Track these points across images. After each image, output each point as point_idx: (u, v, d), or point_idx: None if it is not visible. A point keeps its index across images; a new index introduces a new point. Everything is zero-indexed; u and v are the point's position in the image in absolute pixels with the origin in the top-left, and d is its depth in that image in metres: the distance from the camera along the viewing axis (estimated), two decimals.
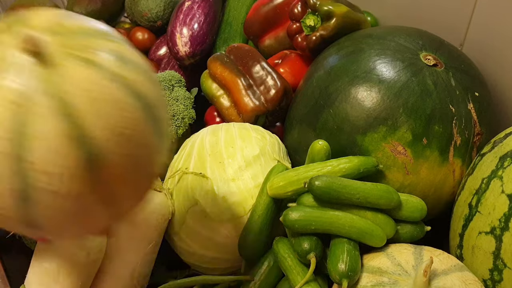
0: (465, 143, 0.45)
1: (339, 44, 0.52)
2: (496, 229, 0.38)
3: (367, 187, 0.41)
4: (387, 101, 0.44)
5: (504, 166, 0.40)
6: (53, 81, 0.23)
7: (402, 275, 0.37)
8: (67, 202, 0.24)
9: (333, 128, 0.46)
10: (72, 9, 0.85)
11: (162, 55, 0.78)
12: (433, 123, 0.44)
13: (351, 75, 0.47)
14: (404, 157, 0.44)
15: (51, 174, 0.23)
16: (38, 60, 0.23)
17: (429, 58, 0.47)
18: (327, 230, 0.40)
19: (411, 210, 0.43)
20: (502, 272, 0.38)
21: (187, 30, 0.70)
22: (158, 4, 0.78)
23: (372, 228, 0.40)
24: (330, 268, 0.39)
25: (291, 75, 0.58)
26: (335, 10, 0.53)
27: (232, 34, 0.73)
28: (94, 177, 0.24)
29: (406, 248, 0.40)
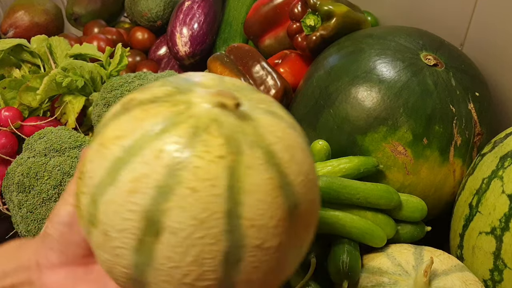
0: (466, 143, 0.45)
1: (339, 44, 0.52)
2: (497, 229, 0.38)
3: (367, 187, 0.41)
4: (387, 101, 0.44)
5: (505, 166, 0.40)
6: (256, 133, 0.23)
7: (402, 276, 0.37)
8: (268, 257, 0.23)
9: (333, 128, 0.46)
10: (72, 9, 0.85)
11: (162, 55, 0.78)
12: (434, 123, 0.44)
13: (351, 75, 0.46)
14: (405, 157, 0.44)
15: (260, 227, 0.22)
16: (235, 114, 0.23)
17: (429, 58, 0.47)
18: (327, 230, 0.40)
19: (412, 210, 0.43)
20: (502, 272, 0.38)
21: (187, 30, 0.70)
22: (158, 4, 0.78)
23: (373, 228, 0.40)
24: (330, 268, 0.39)
25: (291, 75, 0.58)
26: (335, 10, 0.53)
27: (232, 34, 0.73)
28: (292, 226, 0.23)
29: (406, 249, 0.40)
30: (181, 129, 0.22)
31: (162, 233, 0.21)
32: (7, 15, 0.79)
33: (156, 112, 0.23)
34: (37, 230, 0.46)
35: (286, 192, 0.23)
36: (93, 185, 0.23)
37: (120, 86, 0.54)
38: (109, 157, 0.23)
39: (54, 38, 0.63)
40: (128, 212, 0.22)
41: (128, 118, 0.23)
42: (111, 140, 0.23)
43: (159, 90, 0.25)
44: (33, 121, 0.56)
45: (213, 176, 0.21)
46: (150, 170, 0.21)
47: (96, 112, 0.55)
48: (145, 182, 0.21)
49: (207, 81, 0.26)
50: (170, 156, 0.21)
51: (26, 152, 0.50)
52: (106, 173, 0.22)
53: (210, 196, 0.21)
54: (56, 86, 0.55)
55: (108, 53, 0.62)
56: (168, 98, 0.24)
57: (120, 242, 0.22)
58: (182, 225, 0.21)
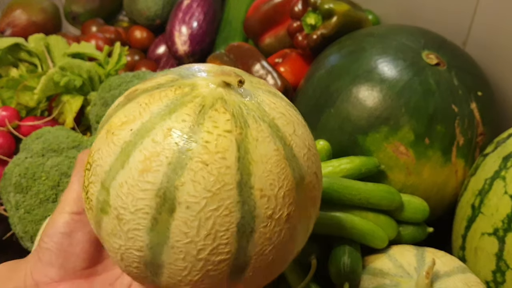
0: (468, 143, 0.45)
1: (340, 43, 0.52)
2: (499, 230, 0.38)
3: (368, 188, 0.41)
4: (388, 100, 0.44)
5: (507, 167, 0.39)
6: (260, 109, 0.24)
7: (404, 277, 0.37)
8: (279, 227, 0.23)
9: (334, 128, 0.46)
10: (70, 8, 0.84)
11: (161, 54, 0.78)
12: (436, 123, 0.44)
13: (352, 74, 0.46)
14: (406, 157, 0.44)
15: (270, 197, 0.23)
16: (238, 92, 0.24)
17: (431, 57, 0.46)
18: (328, 231, 0.40)
19: (413, 211, 0.42)
20: (505, 273, 0.38)
21: (186, 28, 0.70)
22: (157, 3, 0.78)
23: (374, 230, 0.40)
24: (331, 270, 0.39)
25: (292, 74, 0.57)
26: (336, 9, 0.53)
27: (232, 33, 0.73)
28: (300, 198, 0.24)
29: (408, 250, 0.40)
30: (188, 108, 0.23)
31: (177, 208, 0.22)
32: (4, 14, 0.79)
33: (161, 96, 0.24)
34: (34, 231, 0.46)
35: (292, 164, 0.24)
36: (103, 172, 0.23)
37: (118, 85, 0.54)
38: (117, 143, 0.23)
39: (52, 37, 0.63)
40: (141, 192, 0.22)
41: (134, 105, 0.24)
42: (118, 126, 0.23)
43: (162, 78, 0.25)
44: (31, 120, 0.55)
45: (222, 149, 0.22)
46: (161, 148, 0.22)
47: (94, 111, 0.54)
48: (156, 161, 0.22)
49: (208, 68, 0.26)
50: (179, 133, 0.22)
51: (23, 152, 0.50)
52: (115, 158, 0.23)
53: (221, 168, 0.22)
54: (53, 85, 0.55)
55: (106, 52, 0.61)
56: (172, 83, 0.24)
57: (134, 224, 0.22)
58: (196, 199, 0.22)
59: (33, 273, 0.28)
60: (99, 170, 0.23)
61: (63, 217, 0.28)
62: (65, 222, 0.28)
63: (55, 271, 0.28)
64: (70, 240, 0.28)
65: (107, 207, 0.23)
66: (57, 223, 0.28)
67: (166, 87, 0.24)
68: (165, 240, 0.22)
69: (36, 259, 0.29)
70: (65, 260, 0.28)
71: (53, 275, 0.28)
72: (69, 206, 0.29)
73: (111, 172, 0.23)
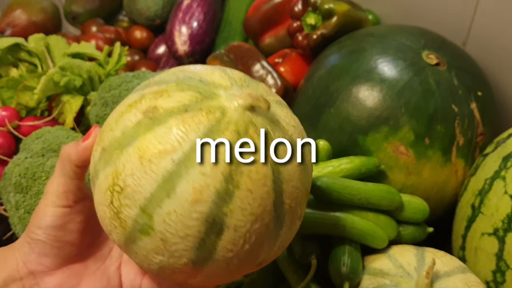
0: (468, 143, 0.45)
1: (340, 43, 0.52)
2: (499, 230, 0.38)
3: (368, 188, 0.41)
4: (388, 100, 0.44)
5: (507, 167, 0.39)
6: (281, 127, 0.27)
7: (404, 277, 0.37)
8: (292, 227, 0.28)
9: (334, 128, 0.46)
10: (70, 8, 0.84)
11: (161, 54, 0.78)
12: (436, 123, 0.44)
13: (352, 74, 0.46)
14: (406, 157, 0.44)
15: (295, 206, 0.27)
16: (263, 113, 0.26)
17: (431, 57, 0.46)
18: (328, 231, 0.40)
19: (413, 211, 0.42)
20: (505, 273, 0.38)
21: (186, 28, 0.70)
22: (157, 3, 0.78)
23: (374, 230, 0.40)
24: (331, 270, 0.39)
25: (292, 74, 0.57)
26: (336, 9, 0.53)
27: (232, 33, 0.73)
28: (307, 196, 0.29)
29: (408, 250, 0.40)
30: (226, 136, 0.24)
31: (225, 231, 0.24)
32: (4, 14, 0.79)
33: (196, 122, 0.24)
34: None
35: (305, 173, 0.27)
36: (143, 198, 0.24)
37: (118, 85, 0.54)
38: (158, 172, 0.24)
39: (52, 37, 0.63)
40: (191, 220, 0.24)
41: (167, 131, 0.24)
42: (156, 154, 0.24)
43: (182, 96, 0.25)
44: (31, 120, 0.55)
45: (263, 176, 0.25)
46: (210, 179, 0.24)
47: (94, 111, 0.54)
48: (206, 191, 0.23)
49: (219, 80, 0.27)
50: (224, 163, 0.24)
51: (23, 152, 0.50)
52: (157, 186, 0.24)
53: (263, 194, 0.25)
54: (53, 85, 0.55)
55: (106, 52, 0.61)
56: (199, 105, 0.25)
57: (181, 246, 0.24)
58: (243, 222, 0.24)
59: (27, 263, 0.29)
60: (137, 196, 0.24)
61: (54, 211, 0.29)
62: (57, 216, 0.29)
63: (50, 260, 0.29)
64: (64, 232, 0.29)
65: (149, 230, 0.24)
66: (48, 216, 0.29)
67: (194, 110, 0.25)
68: (210, 256, 0.25)
69: (28, 249, 0.29)
70: (59, 250, 0.29)
71: (48, 264, 0.29)
72: (59, 199, 0.29)
73: (153, 199, 0.24)
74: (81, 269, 0.30)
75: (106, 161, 0.25)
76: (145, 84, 0.28)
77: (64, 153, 0.29)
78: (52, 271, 0.29)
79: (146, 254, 0.25)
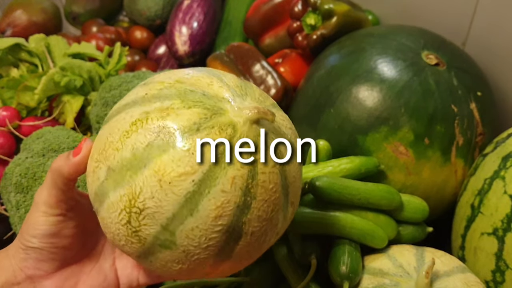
0: (467, 143, 0.45)
1: (340, 43, 0.52)
2: (499, 230, 0.38)
3: (368, 188, 0.41)
4: (388, 100, 0.44)
5: (507, 167, 0.39)
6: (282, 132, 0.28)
7: (403, 277, 0.37)
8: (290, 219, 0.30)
9: (334, 128, 0.46)
10: (71, 8, 0.84)
11: (161, 54, 0.78)
12: (435, 123, 0.44)
13: (352, 75, 0.46)
14: (406, 157, 0.44)
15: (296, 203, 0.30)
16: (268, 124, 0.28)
17: (430, 57, 0.46)
18: (328, 231, 0.40)
19: (413, 211, 0.43)
20: (504, 273, 0.38)
21: (187, 29, 0.70)
22: (157, 3, 0.78)
23: (374, 229, 0.40)
24: (331, 269, 0.39)
25: (292, 74, 0.57)
26: (336, 9, 0.53)
27: (232, 33, 0.73)
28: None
29: (407, 250, 0.40)
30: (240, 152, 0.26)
31: (243, 237, 0.26)
32: (5, 14, 0.79)
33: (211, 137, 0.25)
34: None
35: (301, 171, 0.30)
36: (165, 218, 0.25)
37: (118, 85, 0.54)
38: (179, 193, 0.25)
39: (52, 37, 0.63)
40: (213, 232, 0.25)
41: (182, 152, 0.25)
42: (177, 177, 0.25)
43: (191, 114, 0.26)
44: (31, 121, 0.56)
45: (274, 184, 0.27)
46: (230, 196, 0.25)
47: (94, 111, 0.55)
48: (228, 207, 0.25)
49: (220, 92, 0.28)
50: (242, 179, 0.25)
51: (24, 152, 0.50)
52: (180, 207, 0.25)
53: (275, 200, 0.27)
54: (54, 85, 0.55)
55: (106, 52, 0.61)
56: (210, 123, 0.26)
57: (203, 255, 0.26)
58: (259, 227, 0.27)
59: (24, 268, 0.29)
60: (158, 216, 0.25)
61: (48, 220, 0.29)
62: (51, 224, 0.29)
63: (48, 265, 0.29)
64: (59, 238, 0.29)
65: (171, 245, 0.26)
66: (42, 226, 0.29)
67: (207, 129, 0.25)
68: (227, 259, 0.27)
69: (24, 255, 0.29)
70: (56, 255, 0.29)
71: (46, 268, 0.29)
72: (52, 209, 0.29)
73: (176, 219, 0.25)
74: (78, 269, 0.31)
75: (117, 182, 0.26)
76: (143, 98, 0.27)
77: (54, 168, 0.29)
78: (50, 275, 0.30)
79: (165, 264, 0.27)
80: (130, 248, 0.27)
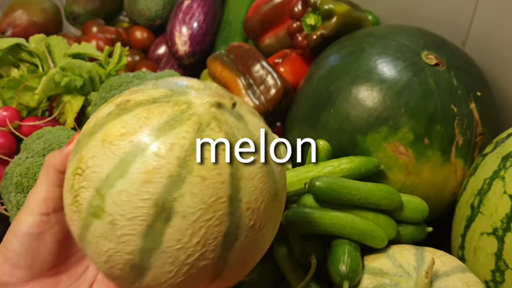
0: (467, 143, 0.45)
1: (340, 43, 0.52)
2: (498, 230, 0.38)
3: (368, 188, 0.41)
4: (388, 101, 0.44)
5: (506, 167, 0.39)
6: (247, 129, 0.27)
7: (403, 277, 0.37)
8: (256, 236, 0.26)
9: (334, 128, 0.46)
10: (71, 8, 0.84)
11: (161, 54, 0.78)
12: (435, 123, 0.44)
13: (352, 75, 0.46)
14: (406, 157, 0.44)
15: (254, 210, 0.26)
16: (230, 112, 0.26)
17: (430, 58, 0.46)
18: (328, 231, 0.40)
19: (413, 211, 0.43)
20: (504, 273, 0.38)
21: (187, 29, 0.70)
22: (157, 3, 0.78)
23: (373, 229, 0.40)
24: (331, 269, 0.39)
25: (292, 75, 0.58)
26: (335, 9, 0.53)
27: (232, 33, 0.73)
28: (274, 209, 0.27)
29: (407, 249, 0.40)
30: (188, 126, 0.25)
31: (173, 217, 0.24)
32: (5, 14, 0.79)
33: (160, 111, 0.25)
34: None
35: (271, 179, 0.27)
36: (99, 179, 0.24)
37: (119, 85, 0.54)
38: (117, 152, 0.24)
39: (53, 38, 0.63)
40: (140, 200, 0.23)
41: (131, 117, 0.25)
42: (118, 136, 0.24)
43: (154, 92, 0.27)
44: (32, 121, 0.56)
45: (218, 165, 0.24)
46: (164, 162, 0.24)
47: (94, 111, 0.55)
48: (159, 173, 0.23)
49: (194, 84, 0.28)
50: (181, 148, 0.24)
51: (24, 152, 0.50)
52: (114, 167, 0.24)
53: (217, 183, 0.24)
54: (54, 85, 0.55)
55: (107, 53, 0.61)
56: (168, 99, 0.26)
57: (128, 229, 0.24)
58: (193, 210, 0.24)
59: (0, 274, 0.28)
60: (94, 177, 0.24)
61: (31, 218, 0.28)
62: (33, 223, 0.28)
63: (23, 272, 0.28)
64: (38, 242, 0.28)
65: (100, 212, 0.24)
66: (25, 224, 0.28)
67: (162, 102, 0.26)
68: (157, 246, 0.24)
69: (2, 260, 0.28)
70: (32, 261, 0.28)
71: (20, 276, 0.28)
72: (37, 206, 0.28)
73: (108, 180, 0.24)
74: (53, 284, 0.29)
75: (76, 150, 0.26)
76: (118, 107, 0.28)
77: (48, 160, 0.29)
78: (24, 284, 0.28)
79: (96, 242, 0.25)
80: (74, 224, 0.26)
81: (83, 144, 0.26)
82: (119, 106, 0.26)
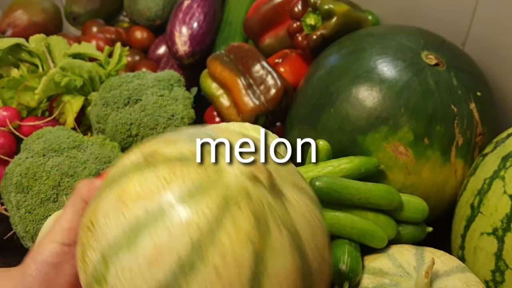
0: (467, 143, 0.45)
1: (340, 43, 0.52)
2: (498, 230, 0.38)
3: (368, 188, 0.41)
4: (388, 100, 0.44)
5: (506, 167, 0.39)
6: (285, 212, 0.22)
7: (403, 277, 0.37)
8: None
9: (333, 128, 0.46)
10: (71, 8, 0.85)
11: (161, 55, 0.78)
12: (435, 123, 0.44)
13: (352, 75, 0.46)
14: (406, 157, 0.44)
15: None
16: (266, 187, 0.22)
17: (430, 58, 0.46)
18: (328, 231, 0.40)
19: (413, 211, 0.43)
20: (504, 273, 0.38)
21: (187, 29, 0.70)
22: (157, 3, 0.78)
23: (373, 229, 0.40)
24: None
25: (292, 75, 0.57)
26: (335, 9, 0.53)
27: (232, 33, 0.73)
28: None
29: (407, 249, 0.40)
30: (210, 199, 0.21)
31: None
32: (5, 14, 0.79)
33: (183, 174, 0.22)
34: (35, 231, 0.46)
35: (305, 278, 0.22)
36: (106, 243, 0.22)
37: (119, 85, 0.54)
38: (128, 217, 0.21)
39: (53, 38, 0.63)
40: (144, 283, 0.20)
41: (153, 176, 0.22)
42: (133, 198, 0.22)
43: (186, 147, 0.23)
44: (32, 121, 0.56)
45: (239, 258, 0.20)
46: (174, 241, 0.20)
47: (94, 111, 0.55)
48: (167, 254, 0.20)
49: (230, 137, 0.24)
50: (196, 228, 0.20)
51: (24, 152, 0.50)
52: (123, 233, 0.21)
53: (233, 278, 0.20)
54: (54, 85, 0.55)
55: (107, 53, 0.61)
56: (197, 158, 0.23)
57: None
58: None
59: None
60: (101, 238, 0.22)
61: (52, 247, 0.28)
62: (54, 252, 0.28)
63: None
64: (57, 272, 0.28)
65: (102, 281, 0.22)
66: (45, 252, 0.28)
67: (189, 162, 0.22)
68: None
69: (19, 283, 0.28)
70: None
71: None
72: (60, 235, 0.28)
73: (115, 246, 0.21)
74: None
75: (97, 194, 0.24)
76: None
77: (77, 189, 0.29)
78: None
79: None
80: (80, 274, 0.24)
81: (102, 192, 0.24)
82: (146, 158, 0.23)
